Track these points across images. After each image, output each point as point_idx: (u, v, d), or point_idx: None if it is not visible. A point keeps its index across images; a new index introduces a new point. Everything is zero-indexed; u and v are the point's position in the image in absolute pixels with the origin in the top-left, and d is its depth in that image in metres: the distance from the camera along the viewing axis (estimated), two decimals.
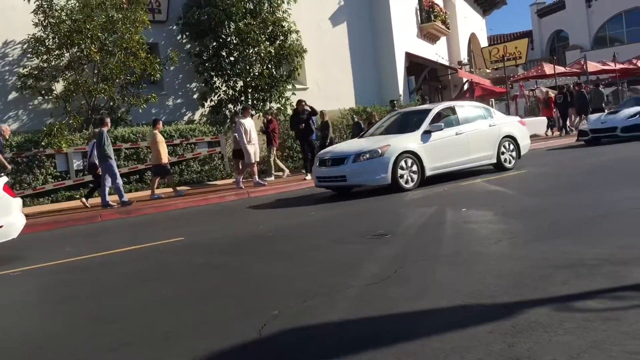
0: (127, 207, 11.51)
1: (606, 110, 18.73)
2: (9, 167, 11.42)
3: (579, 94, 22.01)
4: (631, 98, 21.10)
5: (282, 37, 17.41)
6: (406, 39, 25.26)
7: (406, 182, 10.04)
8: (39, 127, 13.68)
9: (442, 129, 10.62)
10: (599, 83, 26.55)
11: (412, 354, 2.84)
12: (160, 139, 13.10)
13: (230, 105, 17.42)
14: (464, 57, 33.27)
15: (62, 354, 3.54)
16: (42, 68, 14.16)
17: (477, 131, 11.24)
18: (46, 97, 14.56)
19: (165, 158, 13.08)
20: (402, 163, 10.02)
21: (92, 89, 14.08)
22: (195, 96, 17.84)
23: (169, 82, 17.40)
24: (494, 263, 4.49)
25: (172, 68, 16.76)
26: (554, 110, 22.57)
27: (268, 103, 17.47)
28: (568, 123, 22.30)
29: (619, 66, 29.84)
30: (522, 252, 4.72)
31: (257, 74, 17.02)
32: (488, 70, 32.07)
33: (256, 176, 13.43)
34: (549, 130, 23.29)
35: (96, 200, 12.38)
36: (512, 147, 11.71)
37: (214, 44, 16.77)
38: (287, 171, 15.83)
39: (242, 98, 17.30)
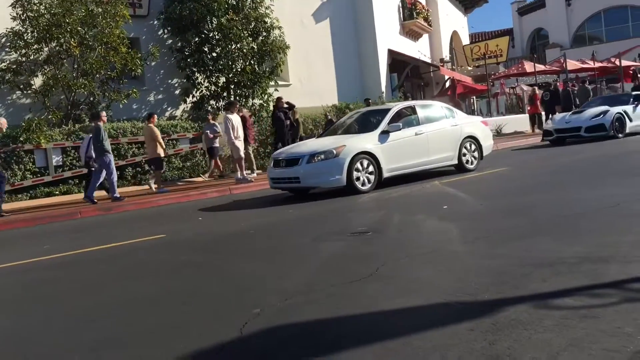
0: (109, 204, 11.41)
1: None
2: None
3: (564, 91, 22.24)
4: (598, 97, 21.16)
5: (264, 33, 17.37)
6: (389, 36, 25.34)
7: (362, 184, 9.73)
8: (18, 122, 13.49)
9: (400, 129, 10.31)
10: (586, 80, 26.86)
11: (393, 353, 2.85)
12: (157, 132, 13.07)
13: (212, 102, 17.33)
14: (445, 54, 33.45)
15: (42, 351, 3.49)
16: (21, 62, 13.97)
17: (437, 131, 10.98)
18: (25, 92, 14.37)
19: (162, 151, 13.09)
20: (358, 164, 9.69)
21: (72, 83, 13.93)
22: (177, 92, 17.73)
23: (150, 77, 17.27)
24: (474, 261, 4.52)
25: (153, 63, 16.64)
26: (541, 107, 22.70)
27: (251, 99, 17.42)
28: None
29: (597, 64, 30.21)
30: (501, 251, 4.76)
31: (239, 70, 16.96)
32: (469, 68, 32.29)
33: (242, 172, 13.34)
34: (535, 126, 23.40)
35: (103, 195, 12.24)
36: (474, 147, 11.50)
37: (196, 39, 16.67)
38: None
39: (225, 94, 17.23)
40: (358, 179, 9.71)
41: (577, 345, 2.71)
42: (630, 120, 15.90)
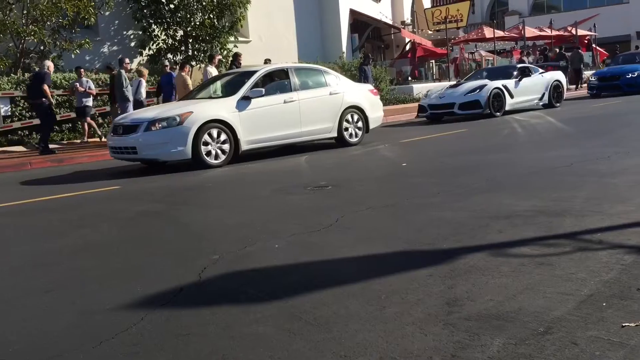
0: (58, 155, 11.10)
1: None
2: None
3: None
4: (482, 69, 19.46)
5: None
6: None
7: (216, 157, 8.54)
8: None
9: (263, 95, 9.05)
10: (579, 45, 27.11)
11: (353, 296, 2.86)
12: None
13: (170, 55, 16.88)
14: (407, 17, 33.29)
15: None
16: None
17: (313, 99, 9.77)
18: None
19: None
20: (208, 134, 8.47)
21: (21, 30, 13.30)
22: (132, 44, 17.18)
23: (105, 27, 16.66)
24: (433, 213, 4.57)
25: (107, 13, 16.04)
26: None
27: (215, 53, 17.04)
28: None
29: (554, 33, 30.62)
30: (460, 204, 4.82)
31: (198, 23, 16.51)
32: (430, 32, 32.26)
33: None
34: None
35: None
36: (357, 118, 10.39)
37: None
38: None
39: (183, 48, 16.79)
40: (209, 152, 8.52)
41: (533, 288, 2.78)
42: (512, 96, 14.40)
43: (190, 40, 16.74)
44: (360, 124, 10.47)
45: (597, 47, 30.00)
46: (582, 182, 5.28)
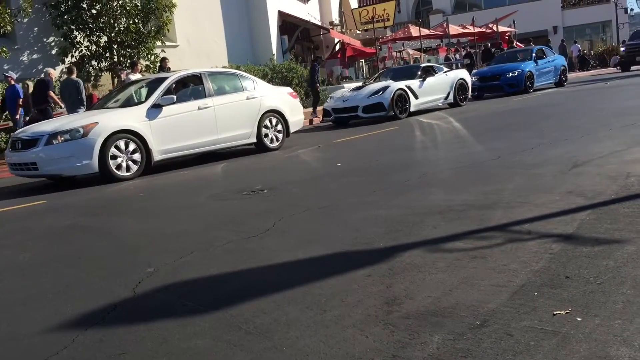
0: None
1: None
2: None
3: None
4: (389, 69, 18.64)
5: None
6: None
7: (127, 170, 8.13)
8: None
9: (174, 102, 8.70)
10: (564, 39, 27.75)
11: (294, 301, 2.84)
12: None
13: (94, 62, 16.34)
14: (335, 17, 33.56)
15: None
16: None
17: (229, 105, 9.49)
18: None
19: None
20: (115, 146, 8.02)
21: None
22: (54, 51, 16.51)
23: (23, 35, 15.95)
24: (369, 212, 4.61)
25: (25, 20, 15.33)
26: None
27: (138, 60, 16.60)
28: None
29: (477, 30, 31.59)
30: (395, 202, 4.88)
31: (122, 28, 16.05)
32: (358, 32, 32.64)
33: None
34: None
35: None
36: (277, 123, 10.18)
37: None
38: None
39: (107, 54, 16.29)
40: (119, 165, 8.07)
41: (468, 282, 2.84)
42: (416, 97, 14.15)
43: (115, 46, 16.26)
44: (280, 127, 10.27)
45: (518, 43, 31.11)
46: (509, 174, 5.46)
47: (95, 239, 4.84)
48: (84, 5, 15.63)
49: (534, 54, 19.09)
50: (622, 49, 26.78)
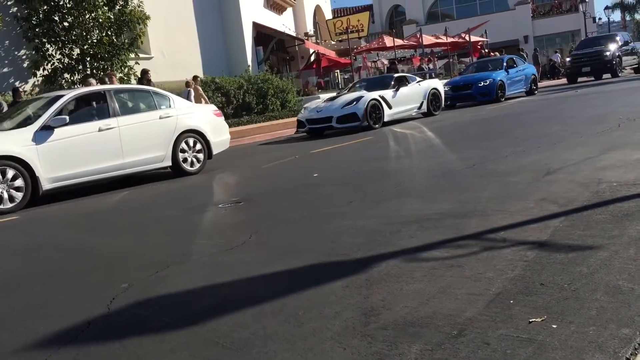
0: None
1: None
2: None
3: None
4: (363, 80, 18.82)
5: (122, 2, 16.41)
6: (253, 8, 25.05)
7: (10, 200, 7.21)
8: None
9: (67, 123, 7.78)
10: (537, 48, 27.93)
11: (271, 314, 2.82)
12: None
13: (67, 75, 16.16)
14: (310, 28, 33.75)
15: None
16: None
17: (137, 125, 8.56)
18: None
19: None
20: None
21: None
22: (25, 65, 16.29)
23: None
24: (346, 222, 4.61)
25: None
26: None
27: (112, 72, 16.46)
28: None
29: (450, 40, 32.00)
30: (371, 212, 4.90)
31: (95, 41, 15.92)
32: (333, 42, 32.89)
33: None
34: None
35: None
36: (196, 144, 9.28)
37: (45, 7, 15.37)
38: None
39: (80, 67, 16.12)
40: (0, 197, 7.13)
41: (444, 292, 2.85)
42: (390, 107, 14.10)
43: (89, 59, 16.11)
44: (199, 148, 9.34)
45: (491, 52, 31.53)
46: (484, 182, 5.51)
47: (68, 255, 4.75)
48: (56, 18, 15.49)
49: (504, 64, 19.39)
50: (567, 59, 25.96)
